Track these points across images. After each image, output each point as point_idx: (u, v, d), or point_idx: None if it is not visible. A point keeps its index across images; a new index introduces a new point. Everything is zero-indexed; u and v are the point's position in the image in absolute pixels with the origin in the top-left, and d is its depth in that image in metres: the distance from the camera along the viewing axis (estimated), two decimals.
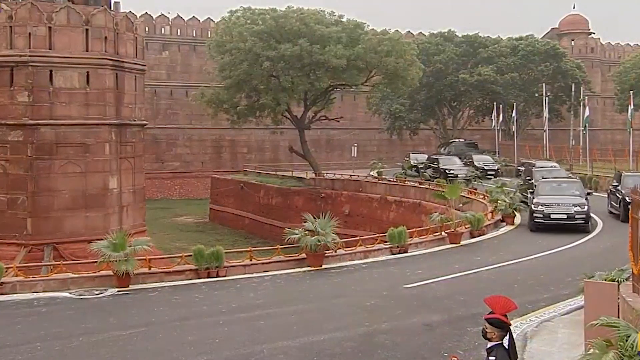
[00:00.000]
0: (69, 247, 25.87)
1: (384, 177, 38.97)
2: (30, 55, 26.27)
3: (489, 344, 6.50)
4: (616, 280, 10.63)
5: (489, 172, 41.28)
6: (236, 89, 41.27)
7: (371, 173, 41.60)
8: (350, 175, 41.28)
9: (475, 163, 42.34)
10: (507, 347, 6.44)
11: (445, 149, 50.80)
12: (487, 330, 6.55)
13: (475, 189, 31.54)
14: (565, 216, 23.23)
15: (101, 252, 15.52)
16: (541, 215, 23.42)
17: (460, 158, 43.93)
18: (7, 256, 22.41)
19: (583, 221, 23.30)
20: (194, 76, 60.93)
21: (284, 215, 38.33)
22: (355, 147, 52.37)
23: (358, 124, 65.30)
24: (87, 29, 27.10)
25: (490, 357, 6.31)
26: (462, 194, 26.96)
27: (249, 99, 42.35)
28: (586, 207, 23.48)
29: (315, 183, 41.05)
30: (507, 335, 6.52)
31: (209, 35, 58.89)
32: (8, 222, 25.95)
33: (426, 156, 45.70)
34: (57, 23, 26.70)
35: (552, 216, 23.24)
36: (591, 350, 8.05)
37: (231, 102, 42.11)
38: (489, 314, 6.59)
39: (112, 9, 30.29)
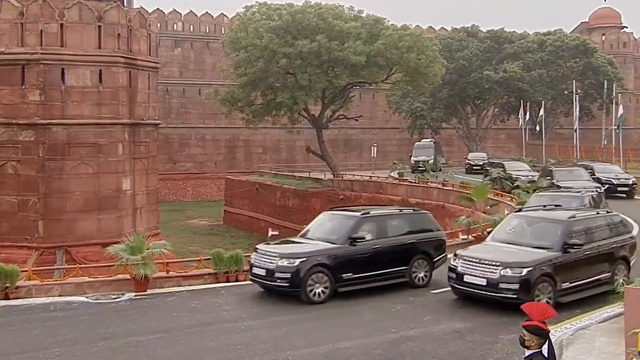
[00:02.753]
0: (81, 250, 26.13)
1: (405, 178, 38.88)
2: (41, 53, 26.55)
3: (527, 352, 6.52)
4: None
5: (619, 189, 33.45)
6: (251, 87, 41.44)
7: (392, 174, 41.50)
8: (370, 176, 41.33)
9: (599, 175, 33.75)
10: (546, 355, 6.47)
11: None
12: (525, 337, 6.58)
13: (504, 190, 30.64)
14: None
15: (118, 256, 15.64)
16: None
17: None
18: (18, 259, 22.54)
19: None
20: (207, 74, 61.40)
21: (301, 218, 38.29)
22: (375, 147, 52.49)
23: (377, 123, 65.37)
24: (99, 26, 27.40)
25: None
26: (488, 196, 26.88)
27: (265, 98, 42.46)
28: None
29: (333, 184, 41.07)
30: (546, 343, 6.54)
31: (223, 32, 59.41)
32: (19, 224, 26.25)
33: (485, 154, 45.01)
34: (69, 20, 26.95)
35: None
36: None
37: (246, 100, 42.30)
38: (527, 321, 6.63)
39: (125, 5, 30.57)
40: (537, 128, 53.46)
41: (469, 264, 14.08)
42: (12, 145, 26.78)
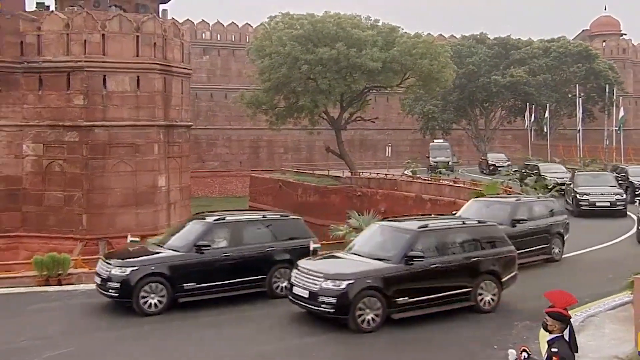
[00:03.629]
0: (121, 242, 26.12)
1: (418, 175, 38.92)
2: (85, 61, 27.17)
3: (550, 336, 6.59)
4: None
5: None
6: (275, 91, 41.56)
7: (405, 172, 41.51)
8: (385, 174, 41.31)
9: (632, 179, 31.12)
10: (567, 339, 6.55)
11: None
12: (548, 323, 6.64)
13: (511, 188, 29.87)
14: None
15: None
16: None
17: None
18: (65, 249, 22.79)
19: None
20: (233, 79, 61.61)
21: (321, 213, 38.37)
22: (390, 147, 52.49)
23: (391, 124, 65.27)
24: (137, 36, 27.90)
25: (552, 349, 6.39)
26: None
27: (287, 101, 42.58)
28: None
29: (351, 182, 41.04)
30: (568, 328, 6.61)
31: (248, 40, 59.55)
32: (65, 217, 26.90)
33: (504, 156, 41.98)
34: (110, 30, 27.45)
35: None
36: None
37: (270, 104, 42.51)
38: (550, 307, 6.68)
39: (160, 16, 30.95)
40: (543, 129, 53.31)
41: (299, 275, 12.28)
42: (58, 146, 27.44)
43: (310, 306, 11.99)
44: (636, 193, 28.88)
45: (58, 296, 14.57)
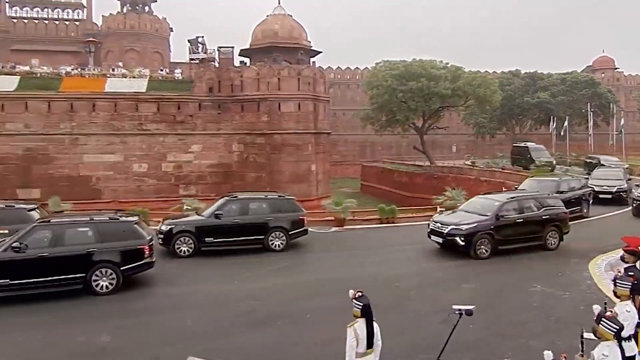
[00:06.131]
0: None
1: (476, 165, 38.22)
2: (268, 95, 27.78)
3: (625, 266, 6.57)
4: None
5: None
6: (380, 110, 41.82)
7: (466, 162, 40.81)
8: (454, 164, 40.86)
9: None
10: (638, 267, 6.62)
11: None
12: (625, 256, 6.75)
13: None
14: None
15: (329, 207, 16.77)
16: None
17: None
18: None
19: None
20: (348, 103, 62.48)
21: (410, 189, 38.55)
22: (455, 146, 51.56)
23: (453, 130, 63.70)
24: (299, 78, 28.16)
25: (629, 273, 6.15)
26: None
27: (387, 117, 42.76)
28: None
29: (430, 169, 40.85)
30: (639, 261, 6.73)
31: (357, 78, 60.22)
32: (257, 188, 26.06)
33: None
34: (283, 75, 28.00)
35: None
36: None
37: (376, 118, 42.93)
38: (626, 247, 6.81)
39: (311, 65, 32.01)
40: (561, 134, 50.70)
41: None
42: (252, 145, 28.06)
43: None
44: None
45: None
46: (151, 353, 7.36)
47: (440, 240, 12.60)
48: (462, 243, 12.15)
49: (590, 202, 18.78)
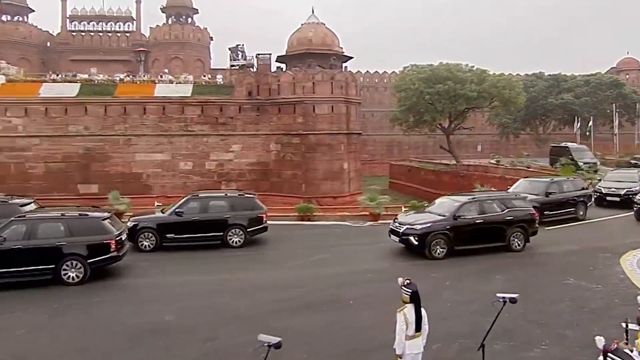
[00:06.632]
0: (323, 200, 26.98)
1: (501, 164, 37.33)
2: (303, 97, 28.17)
3: None
4: None
5: None
6: (407, 111, 41.32)
7: (491, 161, 39.89)
8: (479, 162, 40.07)
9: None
10: None
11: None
12: None
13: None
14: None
15: (364, 203, 16.78)
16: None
17: None
18: (295, 203, 24.55)
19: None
20: (375, 105, 62.15)
21: (437, 187, 37.68)
22: (480, 145, 50.57)
23: (478, 130, 62.43)
24: (332, 82, 28.51)
25: None
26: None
27: (415, 117, 42.23)
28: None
29: (456, 167, 40.14)
30: None
31: (385, 81, 59.79)
32: (293, 185, 28.02)
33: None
34: (317, 80, 28.38)
35: None
36: None
37: (404, 119, 42.45)
38: None
39: (343, 69, 32.05)
40: (587, 133, 49.13)
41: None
42: (288, 145, 28.48)
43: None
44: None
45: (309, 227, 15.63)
46: (211, 334, 7.59)
47: (397, 239, 12.01)
48: (416, 243, 11.55)
49: (589, 204, 16.98)
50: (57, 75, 31.63)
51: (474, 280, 10.31)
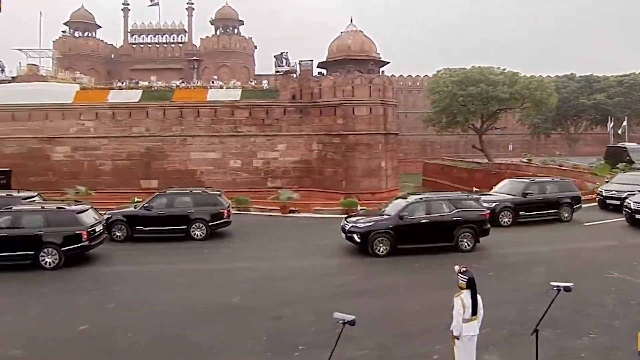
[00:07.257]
0: (362, 196, 26.43)
1: (532, 162, 36.05)
2: (343, 100, 28.06)
3: None
4: None
5: None
6: (441, 113, 40.74)
7: (523, 160, 38.60)
8: (511, 161, 38.86)
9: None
10: None
11: None
12: None
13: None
14: None
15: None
16: None
17: None
18: (336, 198, 23.76)
19: None
20: (410, 107, 61.37)
21: (469, 184, 36.90)
22: (512, 145, 48.98)
23: (509, 130, 60.46)
24: (370, 86, 28.23)
25: None
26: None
27: (448, 118, 41.58)
28: None
29: (489, 165, 39.17)
30: None
31: (418, 84, 58.88)
32: (334, 182, 27.94)
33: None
34: (356, 84, 28.18)
35: None
36: None
37: (437, 120, 41.81)
38: None
39: (380, 74, 31.72)
40: (620, 133, 46.48)
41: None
42: (329, 144, 28.41)
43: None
44: None
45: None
46: (275, 312, 7.78)
47: (344, 236, 11.73)
48: (359, 240, 11.27)
49: (577, 206, 15.33)
50: (122, 83, 33.13)
51: (514, 270, 9.93)
